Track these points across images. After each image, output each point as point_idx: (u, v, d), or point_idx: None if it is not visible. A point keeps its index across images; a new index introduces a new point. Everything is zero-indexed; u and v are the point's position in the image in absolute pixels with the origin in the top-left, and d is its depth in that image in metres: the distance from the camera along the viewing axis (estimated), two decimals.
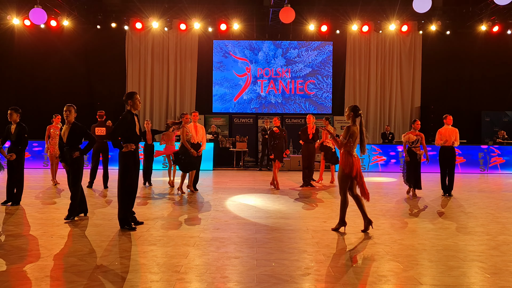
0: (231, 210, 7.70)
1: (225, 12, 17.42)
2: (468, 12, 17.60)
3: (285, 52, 19.17)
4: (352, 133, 5.97)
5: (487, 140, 17.75)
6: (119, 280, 4.10)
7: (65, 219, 6.58)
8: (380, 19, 17.96)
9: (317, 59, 19.17)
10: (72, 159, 6.65)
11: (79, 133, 6.78)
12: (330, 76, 19.19)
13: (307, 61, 19.18)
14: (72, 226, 6.27)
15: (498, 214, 7.58)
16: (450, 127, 9.75)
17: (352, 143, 5.98)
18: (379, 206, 8.25)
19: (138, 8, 17.26)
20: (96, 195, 9.29)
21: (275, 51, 19.16)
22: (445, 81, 19.05)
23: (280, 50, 19.17)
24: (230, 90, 19.15)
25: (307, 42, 19.02)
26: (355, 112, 6.04)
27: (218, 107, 19.11)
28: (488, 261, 4.80)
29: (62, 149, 6.84)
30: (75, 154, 6.66)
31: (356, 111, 6.04)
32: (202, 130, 9.94)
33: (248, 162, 17.59)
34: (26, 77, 18.35)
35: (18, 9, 16.45)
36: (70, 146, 6.71)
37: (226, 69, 19.14)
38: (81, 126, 6.82)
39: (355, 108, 6.08)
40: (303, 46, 19.13)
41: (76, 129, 6.77)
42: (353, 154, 5.98)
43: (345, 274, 4.35)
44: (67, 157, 6.72)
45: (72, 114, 6.77)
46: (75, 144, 6.75)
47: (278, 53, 19.17)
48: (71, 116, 6.76)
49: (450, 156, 9.68)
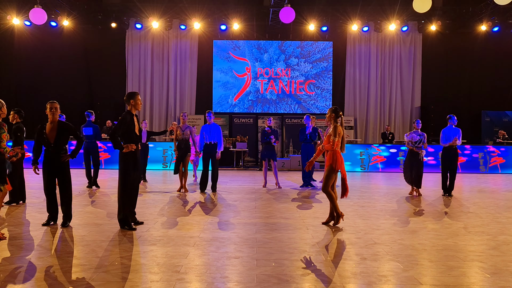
0: (231, 210, 7.70)
1: (225, 12, 17.42)
2: (468, 12, 17.60)
3: (285, 52, 19.17)
4: (340, 132, 6.40)
5: (487, 140, 17.75)
6: (119, 280, 4.10)
7: (62, 226, 6.20)
8: (380, 19, 17.97)
9: (317, 59, 19.17)
10: (61, 162, 6.15)
11: (69, 133, 6.23)
12: (330, 76, 19.19)
13: (307, 61, 19.18)
14: (72, 226, 6.27)
15: (498, 214, 7.58)
16: (453, 127, 9.73)
17: (338, 142, 6.39)
18: (379, 206, 8.25)
19: (138, 8, 17.27)
20: (96, 195, 9.28)
21: (275, 51, 19.16)
22: (445, 81, 19.05)
23: (280, 50, 19.17)
24: (230, 90, 19.15)
25: (307, 42, 19.02)
26: (336, 113, 6.49)
27: (218, 107, 19.11)
28: (488, 261, 4.80)
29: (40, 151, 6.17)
30: (65, 157, 6.12)
31: (337, 113, 6.51)
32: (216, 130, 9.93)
33: (248, 162, 17.59)
34: (26, 77, 18.35)
35: (18, 9, 16.45)
36: (57, 148, 6.13)
37: (226, 69, 19.13)
38: (71, 125, 6.30)
39: (336, 109, 6.54)
40: (303, 46, 19.13)
41: (66, 128, 6.20)
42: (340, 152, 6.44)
43: (345, 274, 4.35)
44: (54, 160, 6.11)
45: (58, 112, 6.21)
46: (63, 145, 6.19)
47: (278, 53, 19.17)
48: (58, 113, 6.20)
49: (453, 157, 9.66)
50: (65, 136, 6.21)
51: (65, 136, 6.21)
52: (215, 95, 19.14)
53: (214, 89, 19.15)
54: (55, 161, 6.15)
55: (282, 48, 19.16)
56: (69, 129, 6.25)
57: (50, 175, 6.23)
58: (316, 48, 19.15)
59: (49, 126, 6.18)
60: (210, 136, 9.80)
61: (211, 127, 9.84)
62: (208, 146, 9.82)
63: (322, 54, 19.16)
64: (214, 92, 19.14)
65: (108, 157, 15.34)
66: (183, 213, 7.44)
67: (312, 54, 19.17)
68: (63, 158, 6.14)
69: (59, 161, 6.15)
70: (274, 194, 9.78)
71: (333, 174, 6.37)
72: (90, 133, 10.33)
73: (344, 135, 6.52)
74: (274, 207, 8.09)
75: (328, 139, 6.40)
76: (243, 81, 19.15)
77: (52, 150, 6.13)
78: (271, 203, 8.49)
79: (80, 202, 8.37)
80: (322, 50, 19.15)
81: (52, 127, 6.17)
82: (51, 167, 6.18)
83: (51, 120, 6.18)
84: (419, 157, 9.42)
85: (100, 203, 8.29)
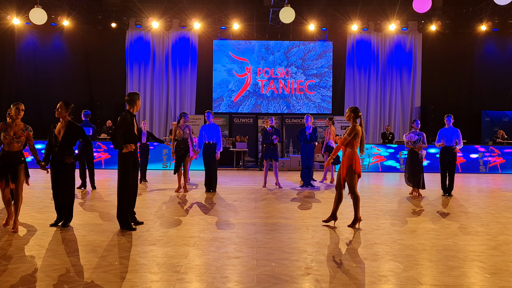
0: (231, 210, 7.69)
1: (225, 12, 17.42)
2: (468, 12, 17.60)
3: (285, 52, 19.17)
4: (357, 132, 6.27)
5: (487, 140, 17.74)
6: (119, 280, 4.10)
7: (62, 226, 6.19)
8: (380, 19, 17.96)
9: (317, 59, 19.17)
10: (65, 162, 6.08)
11: (76, 133, 6.17)
12: (330, 76, 19.19)
13: (307, 61, 19.18)
14: (72, 226, 6.26)
15: (498, 214, 7.58)
16: (452, 126, 9.73)
17: (357, 142, 6.27)
18: (379, 206, 8.25)
19: (138, 8, 17.27)
20: (95, 195, 9.28)
21: (275, 51, 19.16)
22: (445, 81, 19.05)
23: (280, 50, 19.17)
24: (230, 90, 19.15)
25: (307, 42, 19.02)
26: (355, 113, 6.36)
27: (218, 107, 19.11)
28: (488, 261, 4.80)
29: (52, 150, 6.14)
30: (68, 159, 6.05)
31: (356, 113, 6.36)
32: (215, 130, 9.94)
33: (248, 162, 17.59)
34: (26, 77, 18.35)
35: (18, 9, 16.45)
36: (63, 147, 6.08)
37: (226, 69, 19.14)
38: (79, 126, 6.25)
39: (355, 109, 6.41)
40: (303, 46, 19.13)
41: (73, 129, 6.15)
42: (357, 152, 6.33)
43: (345, 274, 4.35)
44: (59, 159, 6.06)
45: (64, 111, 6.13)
46: (69, 145, 6.14)
47: (278, 53, 19.17)
48: (63, 112, 6.12)
49: (451, 157, 9.66)
50: (73, 136, 6.13)
51: (73, 136, 6.13)
52: (215, 95, 19.14)
53: (214, 89, 19.15)
54: (60, 160, 6.10)
55: (282, 48, 19.16)
56: (78, 129, 6.18)
57: (56, 173, 6.20)
58: (316, 48, 19.15)
59: (59, 125, 6.18)
60: (209, 136, 9.82)
61: (210, 127, 9.86)
62: (207, 146, 9.84)
63: (322, 54, 19.15)
64: (214, 92, 19.14)
65: (108, 157, 15.33)
66: (183, 213, 7.44)
67: (312, 54, 19.16)
68: (66, 160, 6.05)
69: (64, 160, 6.08)
70: (274, 194, 9.78)
71: (354, 175, 6.25)
72: (89, 133, 10.25)
73: (363, 135, 6.39)
74: (274, 207, 8.09)
75: (345, 139, 6.31)
76: (243, 81, 19.15)
77: (58, 149, 6.08)
78: (271, 203, 8.49)
79: (80, 202, 8.37)
80: (322, 50, 19.15)
81: (61, 125, 6.15)
82: (56, 166, 6.15)
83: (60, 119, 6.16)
84: (419, 158, 9.42)
85: (100, 203, 8.28)
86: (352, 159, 6.25)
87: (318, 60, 19.16)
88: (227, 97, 19.15)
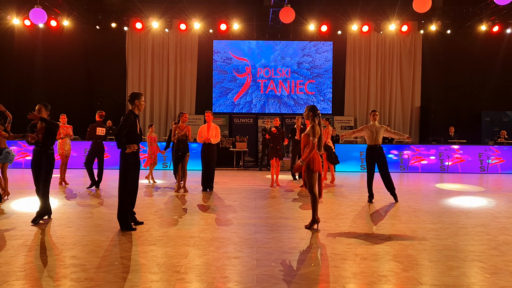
0: (231, 210, 7.69)
1: (225, 12, 17.41)
2: (468, 12, 17.59)
3: (285, 52, 19.17)
4: (317, 131, 6.23)
5: (487, 140, 17.73)
6: (119, 280, 4.10)
7: (33, 222, 6.31)
8: (380, 19, 17.96)
9: (317, 59, 19.16)
10: (47, 160, 6.41)
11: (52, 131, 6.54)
12: (330, 76, 19.18)
13: (307, 61, 19.17)
14: (73, 226, 6.27)
15: (498, 214, 7.58)
16: (377, 124, 9.15)
17: (317, 141, 6.21)
18: (379, 206, 8.25)
19: (138, 8, 17.27)
20: (95, 196, 9.28)
21: (275, 51, 19.16)
22: (445, 81, 19.04)
23: (280, 50, 19.16)
24: (230, 90, 19.14)
25: (307, 42, 19.02)
26: (313, 112, 6.31)
27: (218, 107, 19.11)
28: (488, 261, 4.80)
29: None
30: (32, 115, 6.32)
31: (315, 111, 6.31)
32: (215, 130, 9.94)
33: (248, 162, 17.58)
34: (26, 77, 18.34)
35: (18, 9, 16.44)
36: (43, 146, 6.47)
37: (226, 69, 19.13)
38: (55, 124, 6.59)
39: (313, 108, 6.35)
40: (303, 46, 19.12)
41: (50, 127, 6.49)
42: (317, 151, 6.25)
43: (345, 274, 4.35)
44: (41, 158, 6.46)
45: (43, 112, 6.54)
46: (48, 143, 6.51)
47: (278, 53, 19.16)
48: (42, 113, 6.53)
49: (378, 155, 8.82)
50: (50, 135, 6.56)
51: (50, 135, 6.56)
52: (215, 95, 19.14)
53: (214, 89, 19.15)
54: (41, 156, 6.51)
55: (282, 48, 19.15)
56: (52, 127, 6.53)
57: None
58: (316, 48, 19.14)
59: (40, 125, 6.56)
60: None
61: (210, 127, 9.87)
62: (206, 146, 9.83)
63: (322, 54, 19.15)
64: (214, 92, 19.14)
65: (108, 157, 15.31)
66: (183, 213, 7.44)
67: (312, 54, 19.16)
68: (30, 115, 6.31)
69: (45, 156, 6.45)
70: (274, 194, 9.78)
71: (313, 174, 6.17)
72: (103, 133, 10.15)
73: (322, 134, 6.32)
74: (274, 207, 8.09)
75: (307, 138, 6.22)
76: (243, 81, 19.14)
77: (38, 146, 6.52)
78: (271, 203, 8.49)
79: (80, 202, 8.37)
80: (322, 50, 19.14)
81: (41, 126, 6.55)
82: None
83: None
84: None
85: (100, 203, 8.28)
86: (310, 158, 6.14)
87: (318, 60, 19.15)
88: (227, 97, 19.14)
